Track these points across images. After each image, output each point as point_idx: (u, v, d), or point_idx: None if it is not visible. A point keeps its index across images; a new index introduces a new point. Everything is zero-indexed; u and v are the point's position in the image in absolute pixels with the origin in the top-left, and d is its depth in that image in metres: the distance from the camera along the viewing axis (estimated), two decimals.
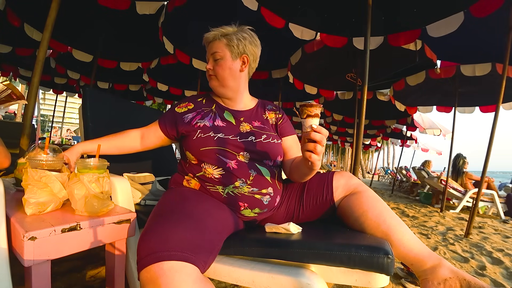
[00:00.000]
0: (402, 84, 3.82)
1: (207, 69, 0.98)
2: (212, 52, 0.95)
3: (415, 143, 10.54)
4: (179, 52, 3.47)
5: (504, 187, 6.11)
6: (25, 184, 0.72)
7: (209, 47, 0.97)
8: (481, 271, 1.67)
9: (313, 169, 0.76)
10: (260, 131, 0.95)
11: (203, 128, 0.90)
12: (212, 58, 0.96)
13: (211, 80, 0.98)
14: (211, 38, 0.96)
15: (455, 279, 0.70)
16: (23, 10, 3.03)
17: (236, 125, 0.94)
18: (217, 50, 0.94)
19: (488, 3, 2.15)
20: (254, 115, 1.01)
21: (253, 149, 0.89)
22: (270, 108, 1.06)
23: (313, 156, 0.70)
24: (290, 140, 1.03)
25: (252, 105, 1.04)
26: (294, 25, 2.76)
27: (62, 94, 7.17)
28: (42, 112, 36.94)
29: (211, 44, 0.96)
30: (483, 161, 2.32)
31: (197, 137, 0.89)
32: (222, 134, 0.89)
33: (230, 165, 0.86)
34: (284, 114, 1.07)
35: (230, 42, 0.94)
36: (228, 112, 0.98)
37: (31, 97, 1.59)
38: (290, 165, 0.98)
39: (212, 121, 0.93)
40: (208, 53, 0.98)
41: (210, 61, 0.97)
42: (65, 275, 1.18)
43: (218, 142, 0.87)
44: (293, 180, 0.98)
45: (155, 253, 0.55)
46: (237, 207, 0.85)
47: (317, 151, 0.70)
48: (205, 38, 0.98)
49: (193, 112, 0.97)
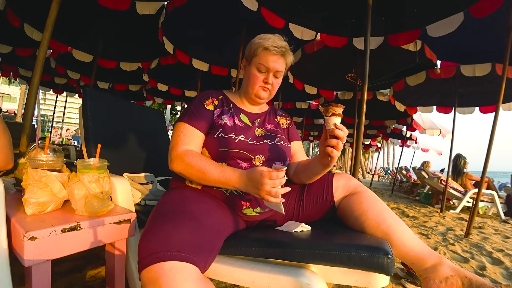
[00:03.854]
0: (402, 84, 3.82)
1: (265, 82, 0.93)
2: (278, 70, 0.92)
3: (415, 143, 10.54)
4: (179, 52, 3.47)
5: (504, 187, 6.12)
6: (25, 184, 0.72)
7: (274, 60, 0.91)
8: (481, 271, 1.67)
9: (329, 166, 0.84)
10: (273, 134, 0.97)
11: (224, 127, 0.89)
12: (273, 73, 0.93)
13: (264, 92, 0.95)
14: (279, 51, 0.90)
15: (456, 277, 0.70)
16: (23, 10, 3.03)
17: (253, 127, 0.94)
18: (282, 68, 0.93)
19: (488, 3, 2.15)
20: (267, 118, 1.03)
21: (267, 152, 0.91)
22: (280, 114, 1.10)
23: (334, 152, 0.77)
24: (297, 145, 1.08)
25: (265, 108, 1.07)
26: (294, 25, 2.76)
27: (62, 94, 7.17)
28: (42, 112, 36.98)
29: (277, 58, 0.91)
30: (483, 161, 2.32)
31: (218, 136, 0.87)
32: (242, 137, 0.88)
33: (242, 166, 0.86)
34: (293, 121, 1.13)
35: (288, 62, 0.96)
36: (244, 115, 0.98)
37: (31, 97, 1.60)
38: (295, 168, 1.02)
39: (232, 119, 0.93)
40: (270, 64, 0.90)
41: (271, 76, 0.92)
42: (65, 275, 1.18)
43: (238, 145, 0.87)
44: (298, 181, 1.01)
45: (156, 253, 0.55)
46: (239, 206, 0.85)
47: (339, 148, 0.77)
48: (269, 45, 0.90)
49: (218, 109, 0.95)
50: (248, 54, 0.96)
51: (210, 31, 3.16)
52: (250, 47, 0.96)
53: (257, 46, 0.92)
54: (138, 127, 1.53)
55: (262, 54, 0.91)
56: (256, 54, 0.92)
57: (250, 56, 0.95)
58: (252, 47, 0.94)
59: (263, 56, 0.91)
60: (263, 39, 0.92)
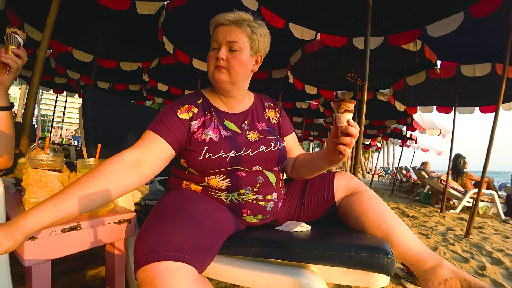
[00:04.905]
0: (402, 84, 3.83)
1: (217, 58, 0.79)
2: (230, 40, 0.78)
3: (415, 143, 10.55)
4: (179, 52, 3.47)
5: (504, 187, 6.12)
6: (25, 184, 0.72)
7: (225, 31, 0.79)
8: (481, 271, 1.67)
9: (337, 163, 0.79)
10: (267, 137, 0.88)
11: (210, 144, 0.77)
12: (227, 46, 0.79)
13: (219, 73, 0.80)
14: (230, 20, 0.79)
15: (455, 279, 0.70)
16: (23, 10, 3.03)
17: (242, 133, 0.85)
18: (237, 39, 0.78)
19: (488, 3, 2.15)
20: (255, 116, 0.92)
21: (265, 159, 0.84)
22: (268, 105, 0.98)
23: (347, 150, 0.72)
24: (291, 139, 1.00)
25: (250, 103, 0.95)
26: (294, 25, 2.76)
27: (62, 94, 7.17)
28: (42, 112, 36.99)
29: (229, 28, 0.79)
30: (483, 161, 2.32)
31: (205, 158, 0.76)
32: (233, 152, 0.78)
33: (239, 174, 0.81)
34: (282, 110, 1.02)
35: (253, 35, 0.81)
36: (228, 120, 0.86)
37: (31, 97, 1.60)
38: (293, 163, 0.97)
39: (218, 130, 0.81)
40: (219, 37, 0.79)
41: (223, 50, 0.79)
42: (65, 275, 1.18)
43: (230, 162, 0.78)
44: (298, 177, 0.97)
45: (152, 253, 0.54)
46: (239, 213, 0.83)
47: (351, 146, 0.72)
48: (220, 18, 0.80)
49: (199, 120, 0.81)
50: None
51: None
52: None
53: (211, 27, 0.83)
54: (138, 127, 1.53)
55: (215, 31, 0.81)
56: (212, 34, 0.83)
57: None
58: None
59: (215, 33, 0.81)
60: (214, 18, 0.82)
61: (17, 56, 0.80)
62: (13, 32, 0.79)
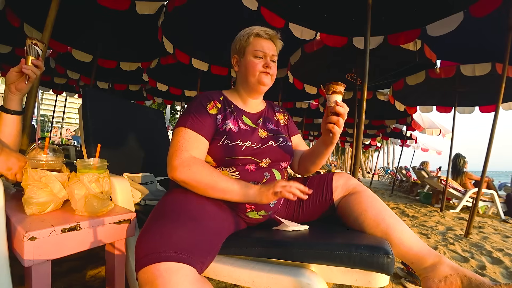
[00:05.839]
0: (401, 84, 3.82)
1: (267, 66, 0.92)
2: (274, 54, 0.94)
3: (415, 143, 10.55)
4: (179, 52, 3.47)
5: (504, 187, 6.12)
6: (25, 184, 0.72)
7: (268, 44, 0.93)
8: (481, 271, 1.67)
9: (332, 142, 0.87)
10: (276, 134, 0.96)
11: (229, 133, 0.86)
12: (270, 58, 0.93)
13: (266, 78, 0.93)
14: (271, 36, 0.94)
15: (455, 276, 0.70)
16: (22, 10, 3.02)
17: (256, 128, 0.93)
18: (275, 53, 0.95)
19: (488, 3, 2.15)
20: (267, 117, 1.02)
21: (273, 154, 0.91)
22: (277, 110, 1.10)
23: (335, 128, 0.80)
24: (297, 138, 1.11)
25: (263, 106, 1.05)
26: (294, 25, 2.76)
27: (62, 94, 7.17)
28: (42, 112, 36.96)
29: (270, 42, 0.94)
30: (483, 161, 2.32)
31: (223, 144, 0.84)
32: (249, 143, 0.86)
33: (248, 168, 0.86)
34: (290, 115, 1.14)
35: (278, 47, 0.97)
36: (245, 116, 0.96)
37: (31, 97, 1.59)
38: (299, 159, 1.05)
39: (237, 123, 0.90)
40: (265, 49, 0.92)
41: (268, 60, 0.93)
42: (65, 275, 1.18)
43: (245, 151, 0.85)
44: (305, 172, 1.05)
45: (152, 254, 0.55)
46: (243, 209, 0.84)
47: (339, 124, 0.80)
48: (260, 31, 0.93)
49: (222, 114, 0.91)
50: (238, 47, 0.96)
51: (210, 31, 3.16)
52: (238, 41, 0.96)
53: (247, 35, 0.93)
54: (138, 127, 1.53)
55: (255, 41, 0.93)
56: (249, 43, 0.93)
57: (242, 48, 0.95)
58: (241, 39, 0.95)
59: (257, 43, 0.92)
60: (250, 29, 0.95)
61: (36, 66, 0.85)
62: (33, 44, 0.85)
